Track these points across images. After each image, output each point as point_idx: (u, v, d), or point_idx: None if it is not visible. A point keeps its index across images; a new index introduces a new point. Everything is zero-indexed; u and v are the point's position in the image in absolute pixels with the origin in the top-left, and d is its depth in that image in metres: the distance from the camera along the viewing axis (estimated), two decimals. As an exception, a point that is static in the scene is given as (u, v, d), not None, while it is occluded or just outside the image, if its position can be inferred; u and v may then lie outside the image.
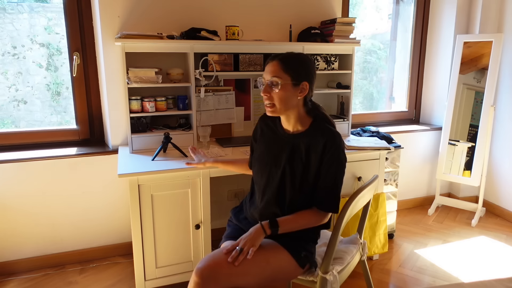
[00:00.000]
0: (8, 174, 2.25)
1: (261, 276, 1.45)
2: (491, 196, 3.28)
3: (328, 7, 2.77)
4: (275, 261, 1.48)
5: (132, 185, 1.92)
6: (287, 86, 1.46)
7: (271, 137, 1.62)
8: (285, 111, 1.52)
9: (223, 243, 1.62)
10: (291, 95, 1.48)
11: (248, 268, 1.42)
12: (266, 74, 1.49)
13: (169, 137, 2.20)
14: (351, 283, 2.23)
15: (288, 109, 1.51)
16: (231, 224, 1.75)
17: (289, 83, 1.46)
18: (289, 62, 1.47)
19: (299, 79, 1.48)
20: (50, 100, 2.55)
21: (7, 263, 2.33)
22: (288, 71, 1.46)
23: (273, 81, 1.47)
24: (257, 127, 1.71)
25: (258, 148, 1.67)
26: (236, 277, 1.39)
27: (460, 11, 3.14)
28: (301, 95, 1.50)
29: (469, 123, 3.11)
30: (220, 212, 2.71)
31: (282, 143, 1.58)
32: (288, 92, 1.47)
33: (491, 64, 2.94)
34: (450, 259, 2.53)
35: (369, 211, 1.90)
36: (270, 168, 1.58)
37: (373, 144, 2.41)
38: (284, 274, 1.53)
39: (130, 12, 2.33)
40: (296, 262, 1.52)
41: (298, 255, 1.53)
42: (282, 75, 1.46)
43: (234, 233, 1.65)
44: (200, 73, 2.27)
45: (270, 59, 1.50)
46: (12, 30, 2.37)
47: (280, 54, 1.50)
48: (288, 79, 1.46)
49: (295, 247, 1.53)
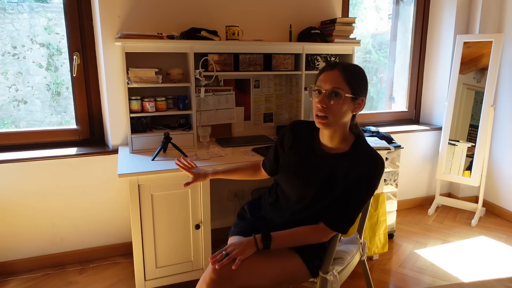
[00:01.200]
0: (8, 174, 2.25)
1: (275, 280, 1.45)
2: (491, 196, 3.28)
3: (328, 7, 2.77)
4: (290, 268, 1.47)
5: (132, 185, 1.92)
6: (347, 99, 1.35)
7: (307, 151, 1.50)
8: (334, 126, 1.40)
9: (232, 238, 1.59)
10: (347, 109, 1.37)
11: (264, 272, 1.41)
12: (325, 83, 1.36)
13: (169, 137, 2.20)
14: (351, 283, 2.23)
15: (339, 124, 1.40)
16: (245, 218, 1.68)
17: (349, 96, 1.35)
18: (351, 73, 1.36)
19: (358, 93, 1.37)
20: (50, 100, 2.55)
21: (7, 263, 2.33)
22: (351, 84, 1.35)
23: (334, 92, 1.34)
24: (288, 134, 1.56)
25: (288, 156, 1.54)
26: (252, 278, 1.39)
27: (460, 11, 3.14)
28: (356, 111, 1.40)
29: (469, 123, 3.11)
30: (220, 212, 2.71)
31: (320, 160, 1.46)
32: (346, 106, 1.36)
33: (491, 64, 2.94)
34: (450, 259, 2.53)
35: (369, 211, 1.90)
36: (302, 184, 1.48)
37: (373, 144, 2.41)
38: (294, 280, 1.52)
39: (130, 12, 2.33)
40: (308, 270, 1.51)
41: (311, 264, 1.52)
42: (344, 87, 1.34)
43: (246, 228, 1.60)
44: (200, 73, 2.27)
45: (328, 68, 1.38)
46: (12, 30, 2.37)
47: (339, 64, 1.38)
48: (349, 92, 1.35)
49: (309, 255, 1.51)
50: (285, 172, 1.55)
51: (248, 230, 1.59)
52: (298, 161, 1.51)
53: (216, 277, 1.33)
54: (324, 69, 1.40)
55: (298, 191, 1.49)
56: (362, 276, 2.02)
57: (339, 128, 1.42)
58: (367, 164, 1.39)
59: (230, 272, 1.34)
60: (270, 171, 1.68)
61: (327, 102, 1.35)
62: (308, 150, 1.50)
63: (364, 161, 1.40)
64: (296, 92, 2.64)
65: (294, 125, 1.57)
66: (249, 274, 1.38)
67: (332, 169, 1.43)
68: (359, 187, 1.41)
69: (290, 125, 1.57)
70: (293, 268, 1.48)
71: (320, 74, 1.41)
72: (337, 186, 1.43)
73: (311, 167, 1.47)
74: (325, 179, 1.44)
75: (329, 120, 1.37)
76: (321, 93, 1.37)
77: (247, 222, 1.65)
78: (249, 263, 1.38)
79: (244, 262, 1.36)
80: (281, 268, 1.45)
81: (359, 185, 1.40)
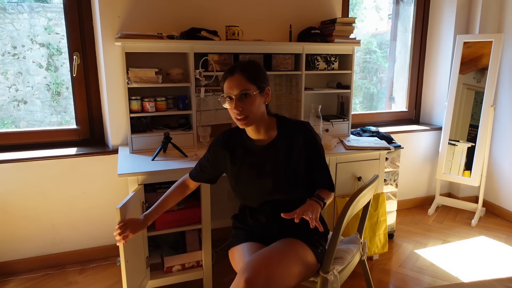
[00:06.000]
0: (8, 174, 2.25)
1: (300, 276, 1.47)
2: (491, 196, 3.28)
3: (328, 7, 2.77)
4: (306, 258, 1.50)
5: (132, 185, 1.92)
6: (256, 95, 1.48)
7: (245, 153, 1.60)
8: (256, 121, 1.52)
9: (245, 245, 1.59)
10: (259, 102, 1.50)
11: (292, 271, 1.42)
12: (232, 89, 1.46)
13: (169, 137, 2.20)
14: (351, 283, 2.23)
15: (259, 117, 1.52)
16: (240, 228, 1.71)
17: (256, 92, 1.48)
18: (250, 71, 1.48)
19: (263, 86, 1.50)
20: (50, 100, 2.55)
21: (7, 263, 2.33)
22: (254, 81, 1.47)
23: (243, 93, 1.45)
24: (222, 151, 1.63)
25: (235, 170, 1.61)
26: (283, 281, 1.39)
27: (460, 11, 3.14)
28: (267, 101, 1.54)
29: (469, 123, 3.11)
30: (220, 212, 2.71)
31: (261, 155, 1.58)
32: (257, 100, 1.48)
33: (491, 64, 2.94)
34: (450, 259, 2.53)
35: (369, 211, 1.90)
36: (260, 182, 1.58)
37: (373, 144, 2.41)
38: (310, 271, 1.53)
39: (130, 12, 2.33)
40: (315, 258, 1.54)
41: (317, 251, 1.56)
42: (249, 86, 1.46)
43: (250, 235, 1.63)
44: (200, 73, 2.27)
45: (229, 74, 1.48)
46: (12, 30, 2.37)
47: (236, 66, 1.49)
48: (255, 89, 1.47)
49: (313, 242, 1.56)
50: (242, 182, 1.62)
51: (249, 235, 1.63)
52: (246, 165, 1.60)
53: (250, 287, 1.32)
54: (225, 76, 1.50)
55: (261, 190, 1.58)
56: (362, 276, 2.02)
57: (261, 120, 1.54)
58: (300, 133, 1.56)
59: (263, 281, 1.33)
60: (199, 178, 1.73)
61: (241, 105, 1.46)
62: (246, 153, 1.60)
63: (295, 132, 1.56)
64: (296, 92, 2.63)
65: (222, 141, 1.64)
66: (280, 278, 1.38)
67: (274, 154, 1.56)
68: (314, 152, 1.56)
69: (219, 142, 1.65)
70: (308, 258, 1.51)
71: (223, 81, 1.50)
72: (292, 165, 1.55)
73: (257, 165, 1.58)
74: (273, 165, 1.56)
75: (250, 118, 1.48)
76: (232, 99, 1.47)
77: (245, 231, 1.68)
78: (278, 268, 1.38)
79: (273, 268, 1.37)
80: (301, 262, 1.47)
81: (313, 152, 1.56)
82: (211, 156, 1.67)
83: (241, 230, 1.69)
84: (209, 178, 1.73)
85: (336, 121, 2.71)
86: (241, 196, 1.66)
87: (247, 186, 1.61)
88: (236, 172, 1.61)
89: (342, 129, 2.73)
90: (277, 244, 1.51)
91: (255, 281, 1.31)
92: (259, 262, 1.38)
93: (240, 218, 1.73)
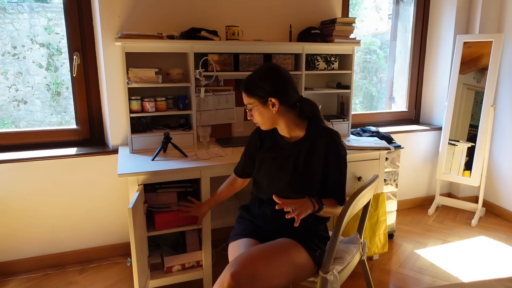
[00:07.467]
0: (8, 174, 2.25)
1: (289, 277, 1.47)
2: (491, 196, 3.28)
3: (328, 7, 2.77)
4: (298, 260, 1.51)
5: (132, 185, 1.92)
6: (259, 107, 1.60)
7: (273, 146, 1.70)
8: (272, 125, 1.64)
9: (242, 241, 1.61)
10: (265, 111, 1.60)
11: (279, 271, 1.43)
12: (244, 102, 1.65)
13: (169, 137, 2.20)
14: (351, 283, 2.23)
15: (273, 122, 1.63)
16: (244, 221, 1.75)
17: (258, 104, 1.59)
18: (250, 87, 1.60)
19: (265, 98, 1.58)
20: (50, 100, 2.55)
21: (7, 263, 2.33)
22: (254, 94, 1.59)
23: (249, 108, 1.63)
24: (255, 140, 1.77)
25: (262, 157, 1.72)
26: (269, 280, 1.40)
27: (460, 11, 3.14)
28: (275, 109, 1.59)
29: (469, 123, 3.11)
30: (220, 212, 2.71)
31: (286, 149, 1.66)
32: (262, 110, 1.60)
33: (491, 64, 2.94)
34: (450, 259, 2.53)
35: (369, 211, 1.90)
36: (279, 174, 1.64)
37: (373, 144, 2.41)
38: (304, 273, 1.54)
39: (130, 12, 2.33)
40: (312, 261, 1.55)
41: (314, 254, 1.56)
42: (251, 101, 1.60)
43: (250, 230, 1.67)
44: (200, 73, 2.27)
45: (239, 90, 1.63)
46: (12, 30, 2.37)
47: (242, 83, 1.63)
48: (257, 102, 1.59)
49: (310, 245, 1.56)
50: (263, 171, 1.70)
51: (252, 231, 1.65)
52: (270, 156, 1.69)
53: (235, 284, 1.33)
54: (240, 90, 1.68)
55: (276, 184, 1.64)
56: (362, 276, 2.02)
57: (281, 122, 1.63)
58: (324, 139, 1.60)
59: (248, 277, 1.35)
60: (241, 174, 1.86)
61: (251, 114, 1.65)
62: (274, 145, 1.71)
63: (320, 137, 1.60)
64: (296, 92, 2.63)
65: (257, 131, 1.79)
66: (266, 277, 1.39)
67: (298, 153, 1.63)
68: (333, 161, 1.59)
69: (254, 132, 1.79)
70: (301, 260, 1.51)
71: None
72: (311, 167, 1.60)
73: (280, 159, 1.66)
74: (294, 162, 1.62)
75: (261, 124, 1.65)
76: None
77: (248, 224, 1.70)
78: (265, 265, 1.39)
79: (260, 265, 1.39)
80: (292, 263, 1.48)
81: (332, 161, 1.59)
82: (247, 146, 1.80)
83: (244, 223, 1.72)
84: (247, 172, 1.83)
85: (336, 121, 2.71)
86: (257, 186, 1.73)
87: (265, 177, 1.68)
88: (260, 161, 1.71)
89: (342, 129, 2.73)
90: (271, 243, 1.53)
91: (240, 276, 1.34)
92: (247, 258, 1.41)
93: (248, 208, 1.79)
